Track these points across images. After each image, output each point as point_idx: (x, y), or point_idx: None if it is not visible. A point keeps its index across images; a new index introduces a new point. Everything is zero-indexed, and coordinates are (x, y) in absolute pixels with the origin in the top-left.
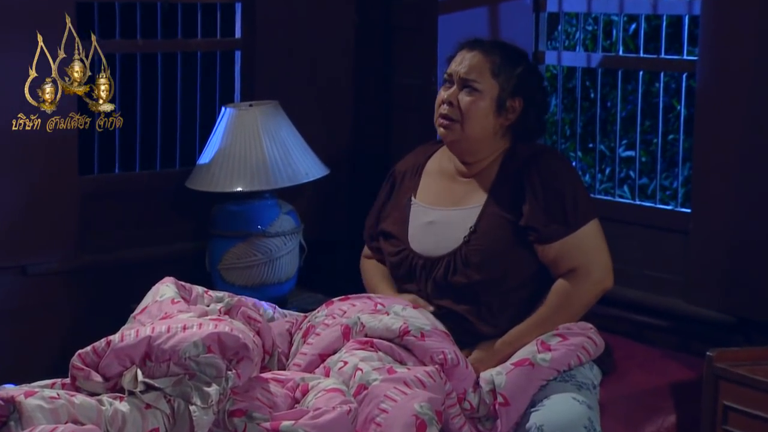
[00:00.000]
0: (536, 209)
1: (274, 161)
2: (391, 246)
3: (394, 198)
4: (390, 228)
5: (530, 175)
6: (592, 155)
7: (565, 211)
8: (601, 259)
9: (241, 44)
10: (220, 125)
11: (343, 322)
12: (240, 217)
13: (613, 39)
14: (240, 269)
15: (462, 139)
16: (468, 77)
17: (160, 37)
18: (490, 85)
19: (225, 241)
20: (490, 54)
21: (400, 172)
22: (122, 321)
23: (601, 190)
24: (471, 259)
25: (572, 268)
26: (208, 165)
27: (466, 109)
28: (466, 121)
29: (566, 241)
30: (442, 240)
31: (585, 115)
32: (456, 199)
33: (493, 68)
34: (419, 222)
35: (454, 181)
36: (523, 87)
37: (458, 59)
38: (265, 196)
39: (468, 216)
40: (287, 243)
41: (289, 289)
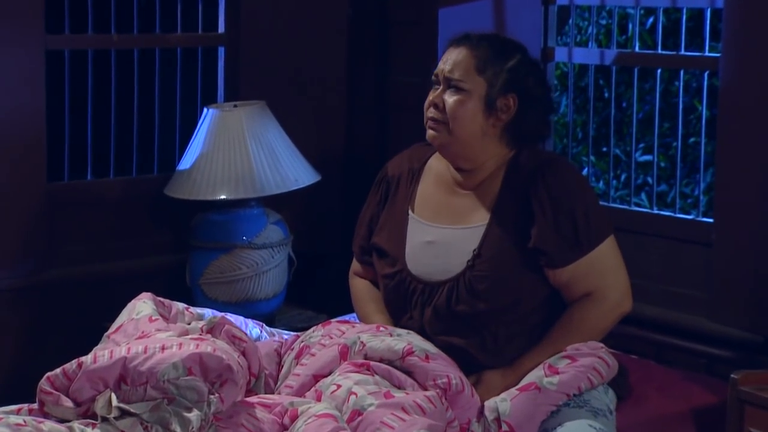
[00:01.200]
0: (545, 231)
1: (260, 167)
2: (386, 266)
3: (389, 208)
4: (385, 245)
5: (537, 190)
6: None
7: (578, 232)
8: (619, 281)
9: (225, 40)
10: (201, 128)
11: (341, 341)
12: (223, 227)
13: (628, 34)
14: (223, 284)
15: (450, 142)
16: (452, 76)
17: (137, 31)
18: (476, 82)
19: (207, 254)
20: (476, 49)
21: (394, 177)
22: (95, 341)
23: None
24: (476, 286)
25: (587, 291)
26: (188, 171)
27: (451, 110)
28: (452, 124)
29: (580, 263)
30: (443, 263)
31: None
32: (457, 216)
33: (478, 64)
34: (418, 240)
35: (454, 193)
36: (516, 82)
37: (444, 57)
38: (251, 204)
39: (471, 237)
40: (275, 256)
41: (277, 305)
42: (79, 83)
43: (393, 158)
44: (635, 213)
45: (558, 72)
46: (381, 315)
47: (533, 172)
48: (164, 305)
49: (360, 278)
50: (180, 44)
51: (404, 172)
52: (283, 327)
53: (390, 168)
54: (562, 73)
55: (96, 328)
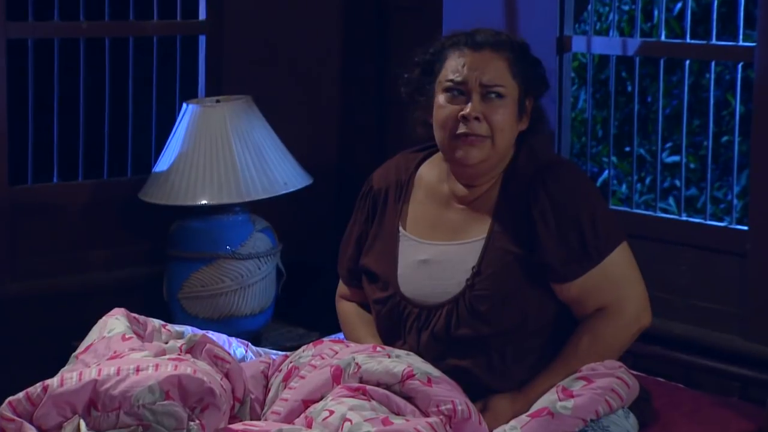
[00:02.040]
0: (549, 242)
1: (246, 169)
2: (377, 290)
3: (377, 225)
4: (375, 267)
5: (537, 198)
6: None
7: (585, 241)
8: (635, 292)
9: (207, 27)
10: (180, 125)
11: (334, 363)
12: (205, 235)
13: (654, 21)
14: (205, 298)
15: (489, 157)
16: (492, 82)
17: (108, 18)
18: (512, 87)
19: (187, 265)
20: (501, 50)
21: (381, 191)
22: (62, 362)
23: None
24: (477, 307)
25: (601, 306)
26: (166, 173)
27: (499, 121)
28: (498, 136)
29: (590, 275)
30: (439, 283)
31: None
32: (453, 231)
33: (511, 67)
34: (411, 260)
35: (449, 207)
36: (537, 82)
37: (464, 63)
38: (236, 210)
39: (469, 252)
40: (262, 267)
41: (264, 322)
42: (44, 76)
43: (377, 169)
44: (661, 220)
45: (575, 63)
46: (374, 339)
47: (532, 178)
48: (139, 322)
49: (347, 302)
50: (156, 32)
51: (391, 185)
52: (271, 346)
53: (375, 180)
54: (581, 64)
55: (63, 347)
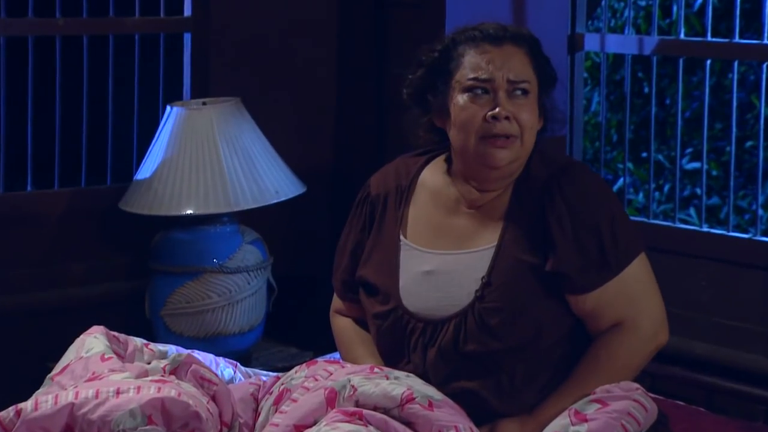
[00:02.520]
0: (565, 251)
1: (234, 176)
2: (377, 304)
3: (375, 234)
4: (374, 279)
5: (553, 203)
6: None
7: (604, 250)
8: (652, 308)
9: (192, 24)
10: (164, 129)
11: (329, 385)
12: (190, 248)
13: (672, 17)
14: (190, 315)
15: (518, 157)
16: (518, 78)
17: (86, 14)
18: (534, 82)
19: (170, 280)
20: (521, 44)
21: (379, 196)
22: (36, 384)
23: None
24: (487, 320)
25: (616, 321)
26: (148, 181)
27: (527, 119)
28: (526, 134)
29: (607, 287)
30: (445, 295)
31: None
32: (460, 239)
33: (533, 60)
34: (413, 271)
35: (456, 213)
36: (551, 77)
37: (488, 59)
38: (223, 220)
39: (478, 262)
40: (251, 281)
41: (253, 341)
42: (17, 76)
43: (375, 174)
44: (681, 231)
45: (588, 63)
46: (373, 359)
47: (547, 181)
48: (119, 341)
49: (343, 317)
50: (138, 30)
51: (391, 191)
52: (261, 367)
53: (373, 186)
54: (594, 64)
55: (37, 368)
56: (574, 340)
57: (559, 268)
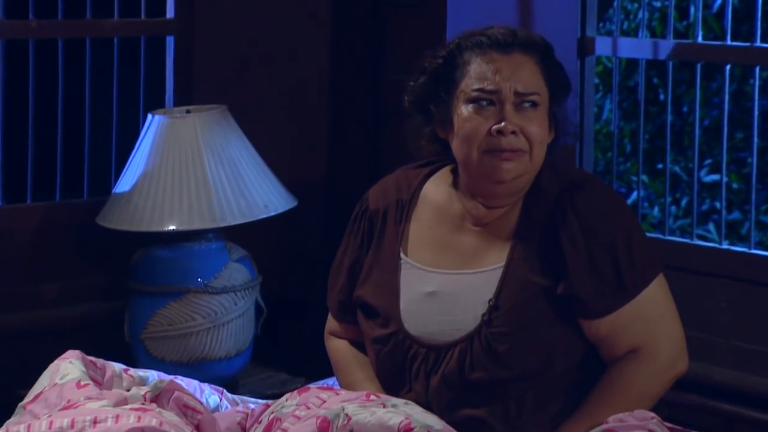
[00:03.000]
0: (578, 272)
1: (220, 189)
2: (376, 327)
3: (374, 251)
4: (372, 300)
5: (566, 220)
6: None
7: (619, 271)
8: (672, 333)
9: (175, 27)
10: (145, 139)
11: (321, 413)
12: (173, 266)
13: (690, 19)
14: (173, 339)
15: (526, 172)
16: (527, 90)
17: (61, 16)
18: (544, 93)
19: (152, 300)
20: (533, 52)
21: (378, 211)
22: (7, 413)
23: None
24: (495, 346)
25: (632, 347)
26: (128, 194)
27: (536, 132)
28: (535, 149)
29: (623, 311)
30: (450, 319)
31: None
32: (465, 258)
33: (543, 70)
34: (415, 292)
35: (461, 229)
36: (563, 86)
37: (495, 68)
38: (209, 237)
39: (484, 283)
40: (239, 302)
41: (241, 366)
42: None
43: (373, 187)
44: (700, 248)
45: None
46: (372, 383)
47: (558, 197)
48: (96, 366)
49: (339, 339)
50: (117, 33)
51: (391, 205)
52: (249, 394)
53: (372, 199)
54: (605, 69)
55: (8, 396)
56: (586, 367)
57: (572, 291)
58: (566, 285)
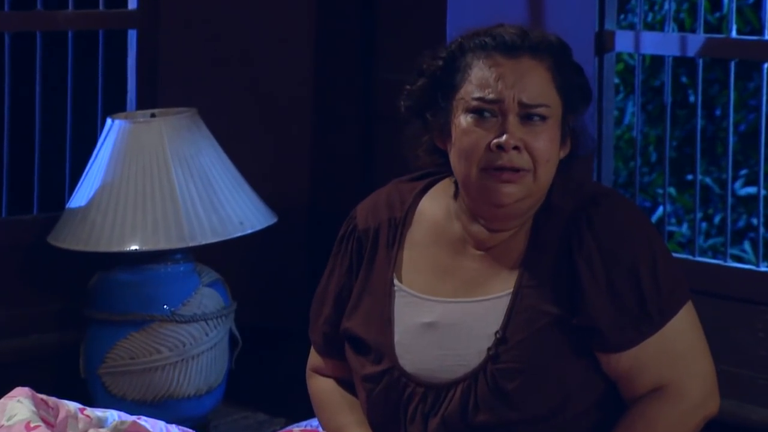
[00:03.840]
0: (597, 300)
1: (189, 204)
2: (367, 364)
3: (364, 276)
4: (362, 332)
5: (582, 242)
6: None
7: (643, 299)
8: (701, 369)
9: (138, 20)
10: (104, 147)
11: None
12: (135, 291)
13: (723, 11)
14: (135, 374)
15: (530, 194)
16: (533, 101)
17: (9, 8)
18: (556, 104)
19: (111, 331)
20: (544, 57)
21: (368, 231)
22: None
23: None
24: (502, 385)
25: (656, 385)
26: (84, 210)
27: (543, 150)
28: (540, 168)
29: (646, 345)
30: (451, 354)
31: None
32: (467, 284)
33: (555, 78)
34: (411, 323)
35: (462, 252)
36: (581, 94)
37: (498, 74)
38: (176, 258)
39: (490, 313)
40: (210, 333)
41: (212, 405)
42: None
43: (363, 203)
44: (734, 271)
45: (620, 66)
46: (362, 428)
47: (573, 214)
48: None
49: (322, 377)
50: (72, 26)
51: (383, 224)
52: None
53: (361, 218)
54: (627, 67)
55: None
56: (605, 407)
57: (589, 322)
58: (583, 315)
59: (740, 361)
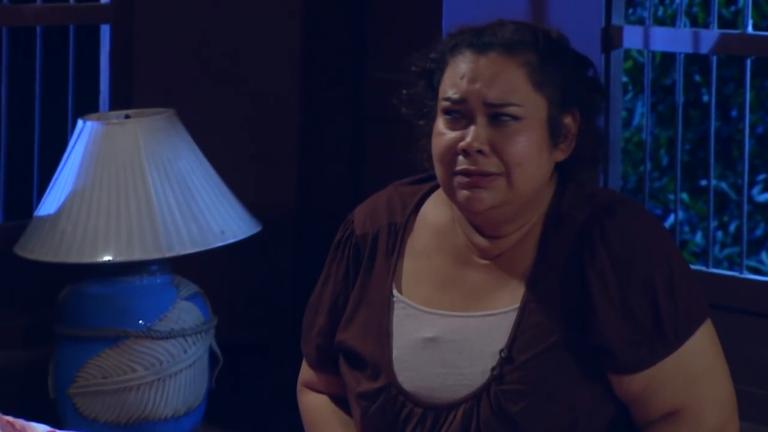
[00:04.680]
0: (610, 317)
1: (167, 211)
2: (363, 380)
3: (361, 286)
4: (358, 346)
5: (594, 254)
6: (704, 199)
7: (659, 317)
8: (719, 391)
9: (112, 14)
10: (75, 151)
11: None
12: (109, 305)
13: (738, 4)
14: (108, 394)
15: (506, 201)
16: (501, 100)
17: None
18: (535, 103)
19: (83, 347)
20: (519, 52)
21: (366, 237)
22: None
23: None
24: (507, 407)
25: (671, 409)
26: (54, 218)
27: (515, 153)
28: (516, 174)
29: (662, 366)
30: (452, 372)
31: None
32: (471, 297)
33: (532, 74)
34: (411, 337)
35: (466, 263)
36: (576, 90)
37: (462, 72)
38: (152, 270)
39: (495, 329)
40: (189, 350)
41: (191, 427)
42: None
43: (360, 207)
44: (751, 283)
45: (629, 64)
46: None
47: (585, 224)
48: (15, 428)
49: (314, 393)
50: (41, 21)
51: (382, 230)
52: None
53: (359, 222)
54: (635, 65)
55: None
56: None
57: (601, 340)
58: (594, 333)
59: (758, 380)
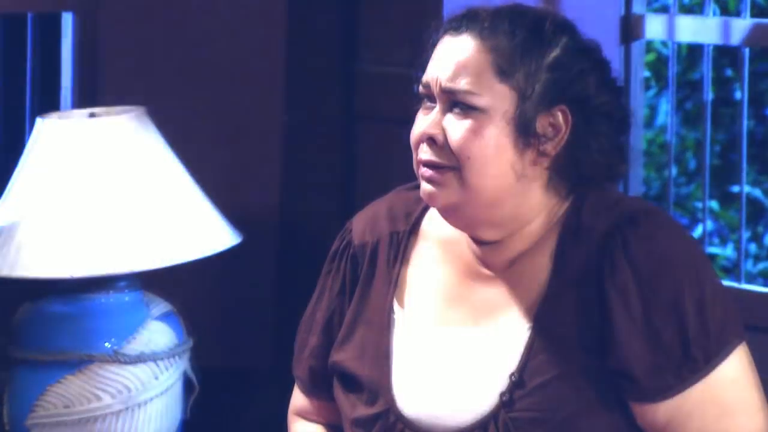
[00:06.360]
0: (632, 340)
1: (136, 222)
2: (359, 404)
3: (359, 301)
4: (355, 367)
5: (615, 269)
6: (736, 207)
7: (687, 340)
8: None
9: (76, 1)
10: (32, 153)
11: None
12: (71, 326)
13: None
14: (70, 425)
15: (464, 202)
16: (456, 87)
17: None
18: (498, 94)
19: (42, 373)
20: (491, 36)
21: (365, 247)
22: None
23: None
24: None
25: None
26: (8, 229)
27: (462, 145)
28: (466, 168)
29: (690, 395)
30: (458, 397)
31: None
32: (479, 313)
33: (498, 61)
34: (412, 358)
35: (475, 276)
36: (566, 85)
37: (437, 55)
38: (120, 286)
39: (505, 349)
40: (161, 375)
41: None
42: None
43: (359, 215)
44: None
45: (651, 56)
46: None
47: (606, 235)
48: None
49: (307, 421)
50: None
51: (383, 240)
52: None
53: (357, 231)
54: (659, 58)
55: None
56: None
57: (622, 365)
58: (614, 356)
59: None
